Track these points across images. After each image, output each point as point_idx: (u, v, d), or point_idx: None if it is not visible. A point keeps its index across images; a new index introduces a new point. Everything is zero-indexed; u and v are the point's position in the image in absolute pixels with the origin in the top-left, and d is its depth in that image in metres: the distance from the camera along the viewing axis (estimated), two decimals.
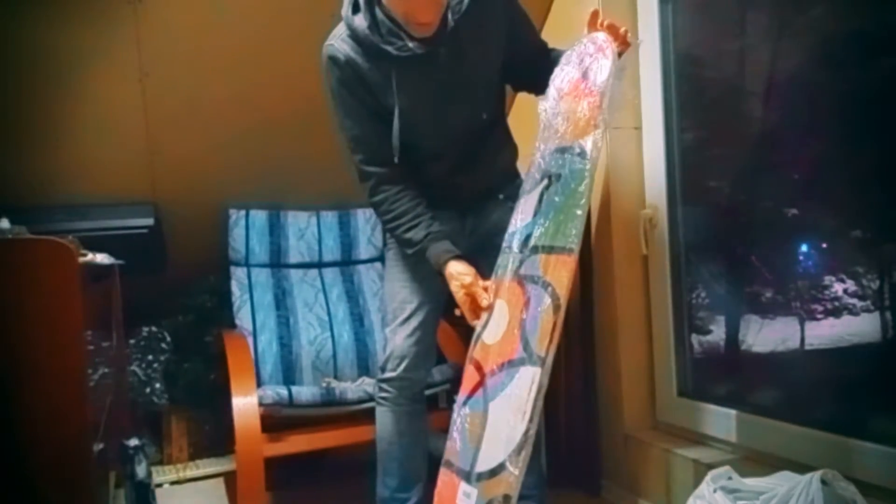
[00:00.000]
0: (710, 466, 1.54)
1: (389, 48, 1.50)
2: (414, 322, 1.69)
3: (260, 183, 2.50)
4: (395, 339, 1.70)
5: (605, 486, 2.14)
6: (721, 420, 1.85)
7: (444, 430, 1.54)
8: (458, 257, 1.57)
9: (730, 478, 1.38)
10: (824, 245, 1.76)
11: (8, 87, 2.05)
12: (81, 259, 1.37)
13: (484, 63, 1.63)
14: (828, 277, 1.68)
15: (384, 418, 1.72)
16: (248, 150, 2.43)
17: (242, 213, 2.51)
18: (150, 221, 2.37)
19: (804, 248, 1.80)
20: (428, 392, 2.08)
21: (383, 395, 1.72)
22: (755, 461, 1.72)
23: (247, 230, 2.51)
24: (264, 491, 1.89)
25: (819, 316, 1.69)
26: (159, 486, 2.33)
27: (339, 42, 1.55)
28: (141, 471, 1.76)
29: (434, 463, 1.54)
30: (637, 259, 2.08)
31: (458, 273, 1.54)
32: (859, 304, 1.62)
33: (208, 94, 2.27)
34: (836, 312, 1.65)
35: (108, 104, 2.20)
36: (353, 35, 1.53)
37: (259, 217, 2.54)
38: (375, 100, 1.57)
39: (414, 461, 1.73)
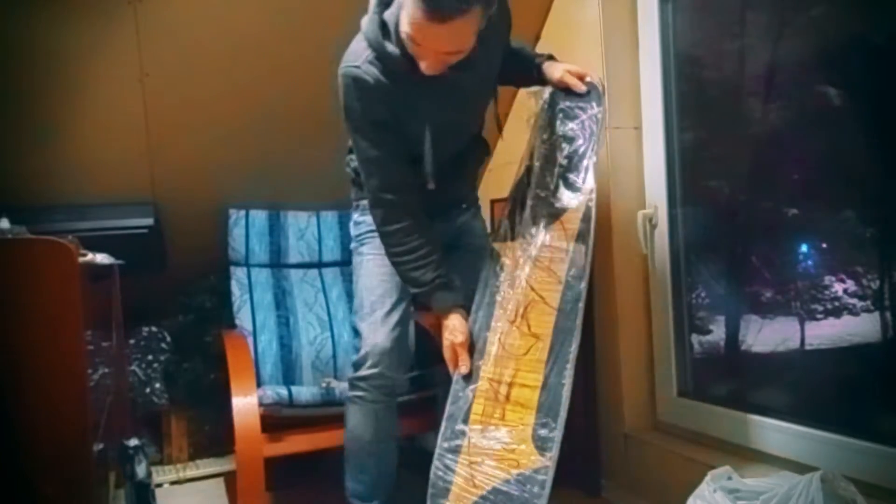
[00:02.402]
0: (710, 466, 1.54)
1: (424, 77, 1.47)
2: (395, 317, 1.68)
3: (260, 183, 2.50)
4: (377, 334, 1.66)
5: (605, 485, 2.14)
6: (721, 420, 1.85)
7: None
8: (460, 308, 1.61)
9: (730, 478, 1.38)
10: (824, 245, 1.76)
11: (8, 87, 2.05)
12: (81, 259, 1.37)
13: (490, 78, 1.66)
14: (828, 277, 1.68)
15: (359, 417, 1.68)
16: (248, 150, 2.43)
17: (242, 213, 2.51)
18: (150, 221, 2.37)
19: (804, 248, 1.80)
20: (431, 393, 2.07)
21: (359, 393, 1.68)
22: (755, 461, 1.72)
23: (247, 230, 2.51)
24: (264, 491, 1.89)
25: (819, 316, 1.69)
26: (159, 486, 2.33)
27: (365, 65, 1.51)
28: (141, 471, 1.76)
29: (428, 458, 1.55)
30: (637, 259, 2.08)
31: (454, 328, 1.58)
32: (859, 304, 1.62)
33: (209, 94, 2.27)
34: (836, 312, 1.65)
35: (108, 104, 2.20)
36: (384, 60, 1.50)
37: (259, 217, 2.54)
38: (398, 123, 1.56)
39: (389, 459, 1.72)
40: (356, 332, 1.74)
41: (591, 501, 2.12)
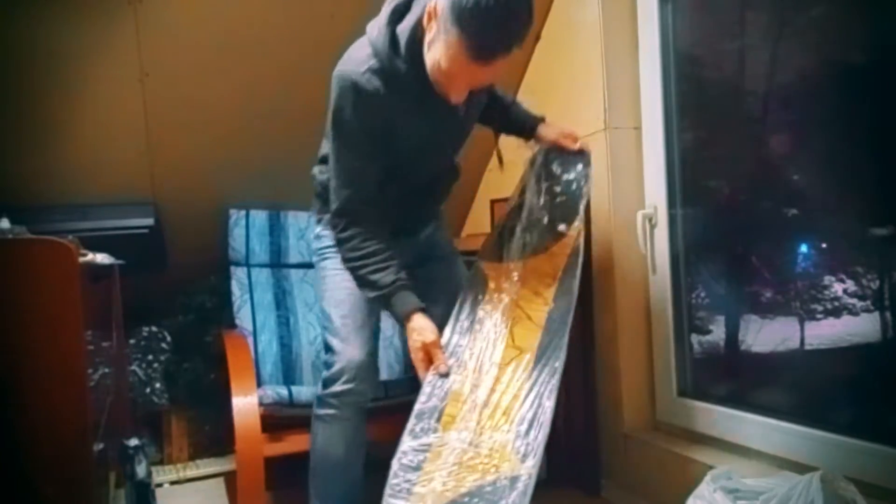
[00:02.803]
0: (710, 466, 1.53)
1: (426, 96, 1.47)
2: (367, 331, 1.64)
3: (260, 183, 2.50)
4: (349, 349, 1.60)
5: (604, 485, 2.14)
6: (721, 420, 1.85)
7: None
8: (423, 310, 1.54)
9: (730, 478, 1.38)
10: (824, 245, 1.76)
11: (8, 87, 2.05)
12: (81, 259, 1.37)
13: (479, 110, 1.69)
14: (828, 277, 1.68)
15: (329, 434, 1.62)
16: (248, 150, 2.43)
17: (242, 213, 2.51)
18: (150, 221, 2.37)
19: (804, 248, 1.80)
20: None
21: (330, 411, 1.61)
22: (755, 461, 1.72)
23: (247, 230, 2.51)
24: (264, 491, 1.89)
25: (819, 316, 1.69)
26: (159, 486, 2.33)
27: (368, 73, 1.46)
28: (141, 471, 1.76)
29: None
30: (637, 259, 2.08)
31: (422, 328, 1.51)
32: (859, 304, 1.62)
33: (208, 94, 2.27)
34: (836, 312, 1.65)
35: (108, 104, 2.20)
36: (390, 74, 1.46)
37: (259, 217, 2.54)
38: (388, 137, 1.52)
39: (358, 475, 1.66)
40: (327, 348, 1.67)
41: (591, 501, 2.12)
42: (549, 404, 1.38)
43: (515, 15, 1.31)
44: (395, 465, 1.40)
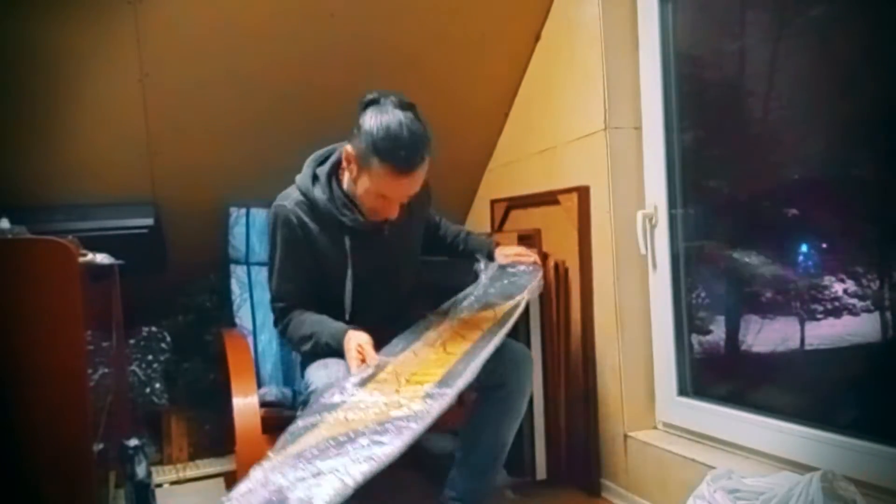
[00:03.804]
0: (710, 466, 1.54)
1: (345, 219, 1.72)
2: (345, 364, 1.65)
3: (260, 182, 2.49)
4: (321, 375, 1.62)
5: (604, 485, 2.14)
6: (721, 420, 1.85)
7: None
8: (351, 328, 1.68)
9: (730, 478, 1.39)
10: (824, 245, 1.76)
11: (8, 87, 2.05)
12: (81, 259, 1.37)
13: (416, 238, 1.92)
14: (828, 277, 1.68)
15: None
16: (248, 150, 2.43)
17: (243, 211, 2.50)
18: (150, 221, 2.37)
19: (804, 248, 1.80)
20: None
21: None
22: (755, 461, 1.72)
23: (247, 229, 2.51)
24: None
25: (819, 316, 1.69)
26: (159, 486, 2.33)
27: (292, 205, 1.74)
28: (141, 471, 1.76)
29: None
30: (637, 259, 2.09)
31: (357, 335, 1.65)
32: (859, 304, 1.62)
33: (208, 94, 2.27)
34: (836, 312, 1.66)
35: (108, 104, 2.20)
36: (310, 204, 1.74)
37: (260, 216, 2.53)
38: (320, 260, 1.75)
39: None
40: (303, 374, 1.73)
41: (591, 501, 2.12)
42: (469, 370, 1.49)
43: (418, 134, 1.62)
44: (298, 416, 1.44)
